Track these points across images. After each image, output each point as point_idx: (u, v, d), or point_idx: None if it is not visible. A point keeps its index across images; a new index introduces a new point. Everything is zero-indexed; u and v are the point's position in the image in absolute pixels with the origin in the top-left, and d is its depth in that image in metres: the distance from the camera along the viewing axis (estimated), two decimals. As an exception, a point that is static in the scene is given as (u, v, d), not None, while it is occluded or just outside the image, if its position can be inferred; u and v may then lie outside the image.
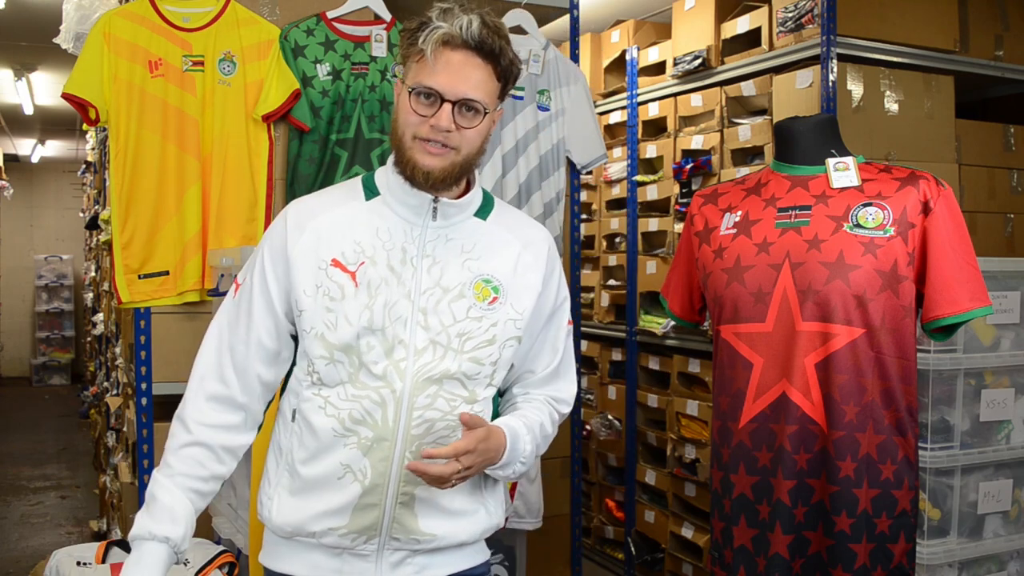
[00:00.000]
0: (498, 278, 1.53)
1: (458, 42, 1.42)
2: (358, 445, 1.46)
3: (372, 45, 2.84)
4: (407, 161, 1.47)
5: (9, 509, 5.85)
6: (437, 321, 1.48)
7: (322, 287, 1.48)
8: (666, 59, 3.95)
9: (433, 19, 1.43)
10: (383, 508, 1.47)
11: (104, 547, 2.34)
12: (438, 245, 1.51)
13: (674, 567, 3.85)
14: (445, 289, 1.49)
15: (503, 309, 1.52)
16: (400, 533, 1.49)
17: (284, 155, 2.80)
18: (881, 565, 1.76)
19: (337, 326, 1.46)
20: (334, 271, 1.48)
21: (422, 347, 1.47)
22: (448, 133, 1.44)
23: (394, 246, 1.50)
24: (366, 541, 1.49)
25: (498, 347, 1.51)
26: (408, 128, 1.45)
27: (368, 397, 1.46)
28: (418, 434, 1.47)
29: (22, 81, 6.96)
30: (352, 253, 1.49)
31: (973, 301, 1.75)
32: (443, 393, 1.48)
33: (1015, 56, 3.48)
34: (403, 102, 1.46)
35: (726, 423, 1.87)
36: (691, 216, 2.02)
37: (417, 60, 1.45)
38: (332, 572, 1.51)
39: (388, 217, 1.52)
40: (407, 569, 1.52)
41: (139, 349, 2.68)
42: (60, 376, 11.75)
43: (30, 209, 12.28)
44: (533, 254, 1.57)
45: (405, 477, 1.47)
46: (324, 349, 1.47)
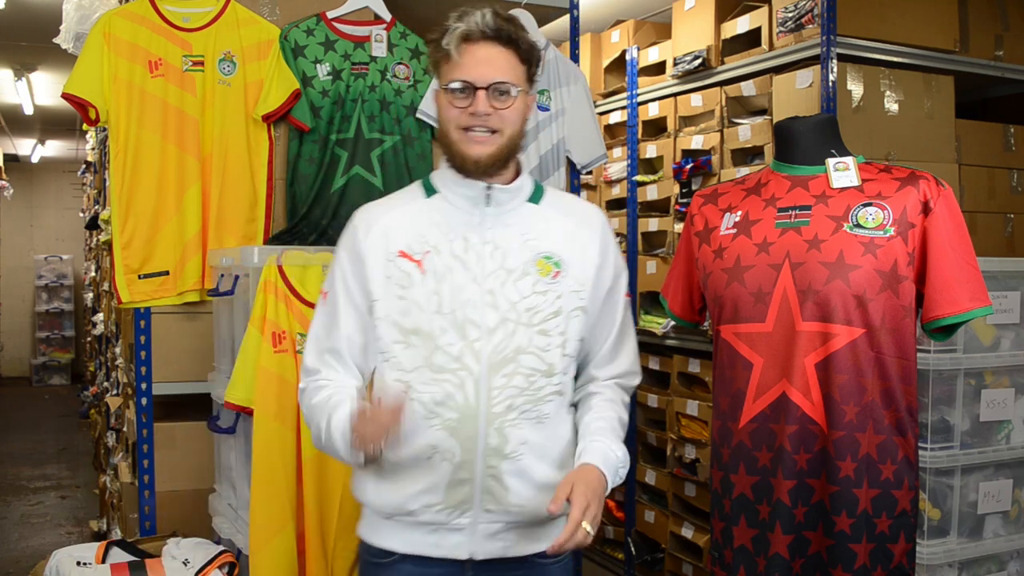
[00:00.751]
0: (558, 253, 1.63)
1: (477, 35, 1.55)
2: (443, 426, 1.56)
3: (372, 45, 2.84)
4: (457, 154, 1.59)
5: (9, 509, 5.85)
6: (504, 300, 1.58)
7: (392, 277, 1.60)
8: (666, 59, 3.94)
9: (451, 23, 1.57)
10: (474, 482, 1.57)
11: (104, 547, 2.34)
12: (497, 231, 1.62)
13: (674, 567, 3.85)
14: (509, 270, 1.60)
15: (566, 282, 1.62)
16: (492, 504, 1.58)
17: (284, 155, 2.80)
18: (881, 565, 1.76)
19: (409, 312, 1.58)
20: (402, 261, 1.60)
21: (493, 326, 1.57)
22: (487, 116, 1.55)
23: (456, 235, 1.61)
24: (461, 515, 1.58)
25: (564, 318, 1.62)
26: (451, 123, 1.58)
27: (448, 380, 1.56)
28: (499, 411, 1.57)
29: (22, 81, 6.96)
30: (417, 244, 1.61)
31: (973, 301, 1.75)
32: (520, 369, 1.58)
33: (1015, 56, 3.48)
34: (442, 103, 1.59)
35: (726, 423, 1.87)
36: (691, 216, 2.02)
37: (445, 63, 1.57)
38: (429, 547, 1.61)
39: (447, 211, 1.63)
40: (499, 543, 1.61)
41: (139, 349, 2.68)
42: (60, 376, 11.75)
43: (30, 209, 12.28)
44: (588, 229, 1.68)
45: (491, 452, 1.57)
46: (399, 334, 1.59)
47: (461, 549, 1.60)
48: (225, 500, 2.50)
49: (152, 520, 2.67)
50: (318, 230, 2.74)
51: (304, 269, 2.22)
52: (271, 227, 2.78)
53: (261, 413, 2.16)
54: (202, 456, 2.70)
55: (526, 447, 1.59)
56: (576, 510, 1.46)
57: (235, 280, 2.40)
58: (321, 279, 2.23)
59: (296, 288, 2.21)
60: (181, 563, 2.28)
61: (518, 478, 1.58)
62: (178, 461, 2.70)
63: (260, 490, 2.15)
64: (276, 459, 2.17)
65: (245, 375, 2.18)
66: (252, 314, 2.19)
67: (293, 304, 2.20)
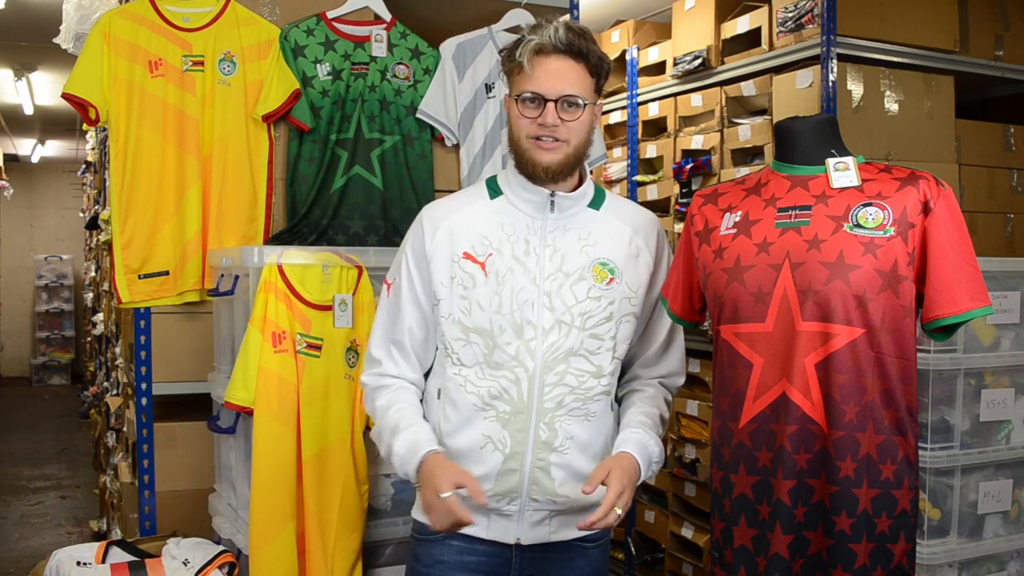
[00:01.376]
0: (613, 260, 1.72)
1: (549, 49, 1.62)
2: (497, 418, 1.66)
3: (372, 45, 2.84)
4: (527, 161, 1.66)
5: (9, 509, 5.85)
6: (561, 303, 1.67)
7: (456, 278, 1.68)
8: (666, 59, 3.95)
9: (525, 35, 1.64)
10: (523, 473, 1.67)
11: (104, 547, 2.34)
12: (557, 235, 1.70)
13: (674, 567, 3.85)
14: (566, 274, 1.68)
15: (619, 288, 1.72)
16: (538, 494, 1.68)
17: (284, 155, 2.80)
18: (881, 565, 1.76)
19: (471, 311, 1.67)
20: (466, 263, 1.68)
21: (549, 327, 1.66)
22: (556, 128, 1.63)
23: (518, 238, 1.69)
24: (509, 502, 1.68)
25: (615, 323, 1.71)
26: (521, 131, 1.66)
27: (504, 376, 1.66)
28: (550, 407, 1.67)
29: (22, 81, 6.97)
30: (481, 246, 1.69)
31: (973, 301, 1.75)
32: (571, 370, 1.68)
33: (1015, 56, 3.48)
34: (512, 111, 1.67)
35: (726, 423, 1.87)
36: (691, 216, 2.02)
37: (518, 73, 1.65)
38: (479, 528, 1.70)
39: (511, 213, 1.71)
40: (544, 529, 1.72)
41: (139, 349, 2.68)
42: (60, 376, 11.75)
43: (30, 209, 12.28)
44: (643, 237, 1.78)
45: (541, 445, 1.66)
46: (460, 332, 1.68)
47: (509, 533, 1.71)
48: (225, 500, 2.50)
49: (152, 520, 2.67)
50: (318, 230, 2.74)
51: (304, 269, 2.22)
52: (271, 227, 2.78)
53: (261, 413, 2.16)
54: (202, 456, 2.69)
55: (572, 442, 1.68)
56: (612, 493, 1.55)
57: (235, 280, 2.40)
58: (321, 279, 2.23)
59: (296, 288, 2.21)
60: (181, 563, 2.28)
61: (564, 470, 1.68)
62: (178, 461, 2.70)
63: (260, 490, 2.15)
64: (276, 459, 2.17)
65: (245, 375, 2.18)
66: (252, 314, 2.19)
67: (293, 304, 2.20)
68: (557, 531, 1.73)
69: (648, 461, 1.69)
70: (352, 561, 2.24)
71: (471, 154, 2.94)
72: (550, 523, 1.72)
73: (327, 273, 2.24)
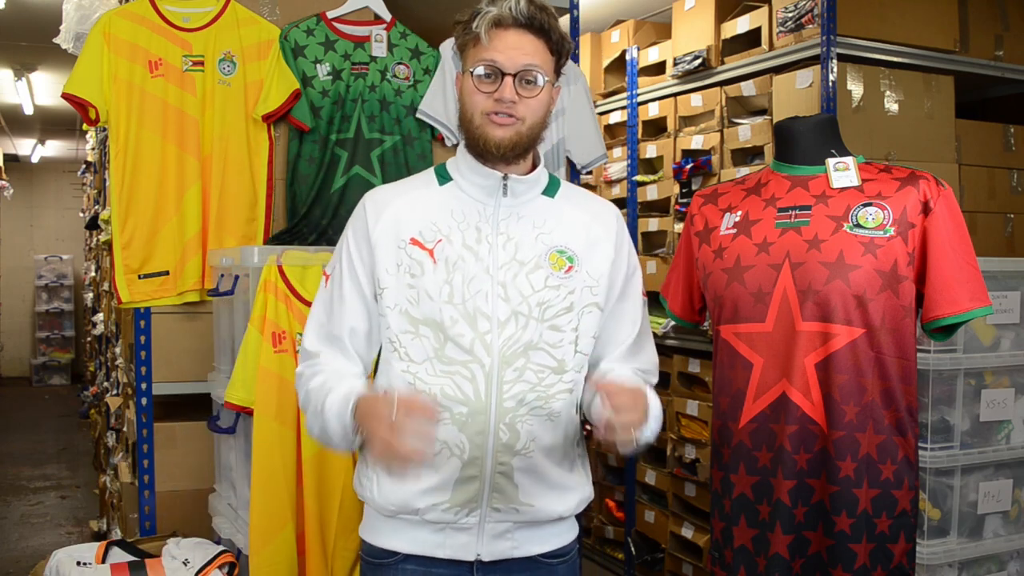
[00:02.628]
0: (571, 248, 1.60)
1: (509, 21, 1.51)
2: (452, 421, 1.52)
3: (372, 45, 2.84)
4: (478, 138, 1.55)
5: (9, 509, 5.85)
6: (516, 292, 1.55)
7: (403, 265, 1.56)
8: (666, 59, 3.94)
9: (483, 6, 1.53)
10: (483, 479, 1.53)
11: (104, 547, 2.34)
12: (511, 223, 1.58)
13: (674, 567, 3.85)
14: (521, 263, 1.56)
15: (579, 276, 1.59)
16: (500, 503, 1.55)
17: (284, 155, 2.80)
18: (881, 565, 1.76)
19: (419, 301, 1.54)
20: (413, 249, 1.56)
21: (504, 319, 1.54)
22: (513, 104, 1.52)
23: (468, 225, 1.57)
24: (468, 514, 1.55)
25: (576, 314, 1.58)
26: (475, 107, 1.54)
27: (458, 372, 1.52)
28: (511, 406, 1.53)
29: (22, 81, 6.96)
30: (429, 232, 1.56)
31: (973, 301, 1.75)
32: (531, 365, 1.54)
33: (1015, 56, 3.48)
34: (467, 86, 1.55)
35: (726, 423, 1.87)
36: (691, 216, 2.02)
37: (473, 46, 1.54)
38: (435, 547, 1.57)
39: (461, 199, 1.59)
40: (506, 543, 1.58)
41: (139, 349, 2.68)
42: (60, 376, 11.74)
43: (30, 209, 12.28)
44: (602, 224, 1.65)
45: (502, 448, 1.53)
46: (408, 324, 1.54)
47: (468, 550, 1.56)
48: (225, 500, 2.50)
49: (152, 520, 2.67)
50: (318, 230, 2.74)
51: (304, 269, 2.22)
52: (271, 227, 2.78)
53: (261, 413, 2.16)
54: (202, 456, 2.69)
55: (536, 444, 1.55)
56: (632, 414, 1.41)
57: (235, 280, 2.40)
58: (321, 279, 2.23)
59: (296, 288, 2.21)
60: (181, 563, 2.28)
61: (528, 475, 1.55)
62: (178, 461, 2.70)
63: (260, 490, 2.15)
64: (276, 459, 2.17)
65: (245, 375, 2.18)
66: (252, 314, 2.19)
67: (293, 304, 2.20)
68: (520, 545, 1.59)
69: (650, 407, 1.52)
70: (352, 561, 2.24)
71: (471, 154, 2.94)
72: (513, 536, 1.58)
73: None
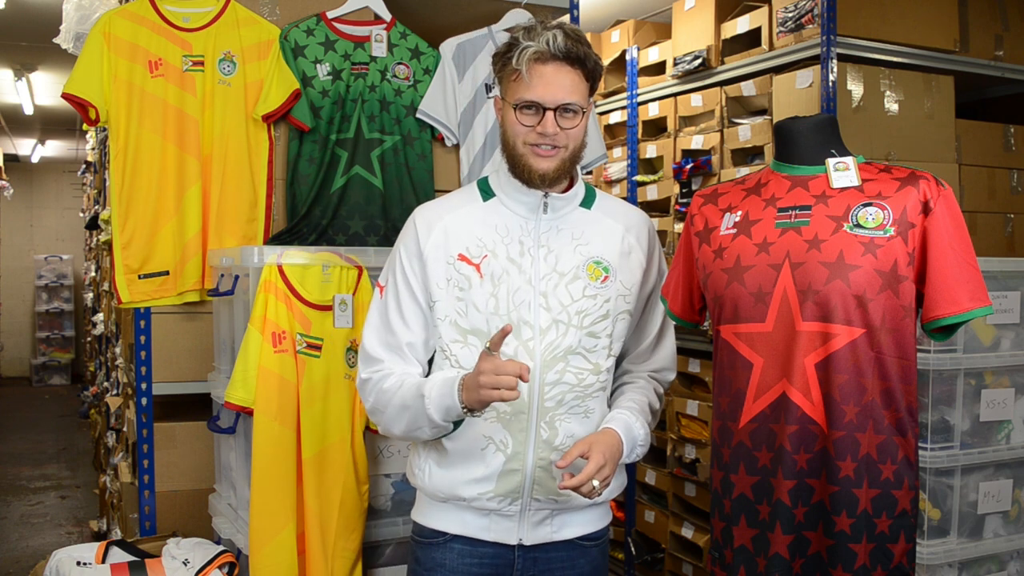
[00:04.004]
0: (607, 259, 1.73)
1: (547, 56, 1.60)
2: (497, 419, 1.66)
3: (372, 45, 2.84)
4: (523, 167, 1.66)
5: (9, 509, 5.85)
6: (557, 302, 1.67)
7: (452, 279, 1.68)
8: (666, 59, 3.95)
9: (520, 40, 1.62)
10: (524, 473, 1.67)
11: (104, 547, 2.34)
12: (551, 236, 1.70)
13: (674, 567, 3.85)
14: (561, 274, 1.69)
15: (614, 286, 1.72)
16: (541, 494, 1.69)
17: (284, 155, 2.80)
18: (881, 565, 1.76)
19: (467, 313, 1.67)
20: (461, 264, 1.68)
21: (546, 327, 1.66)
22: (555, 136, 1.63)
23: (512, 240, 1.69)
24: (511, 503, 1.68)
25: (612, 321, 1.72)
26: (518, 137, 1.65)
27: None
28: (551, 406, 1.67)
29: (22, 81, 6.97)
30: (476, 248, 1.68)
31: (973, 301, 1.75)
32: (570, 368, 1.68)
33: (1015, 56, 3.48)
34: (509, 117, 1.66)
35: (726, 423, 1.87)
36: (691, 216, 2.02)
37: (514, 79, 1.64)
38: (480, 530, 1.71)
39: (504, 215, 1.71)
40: (546, 528, 1.72)
41: (139, 349, 2.68)
42: (60, 376, 11.75)
43: (30, 209, 12.28)
44: (636, 235, 1.79)
45: (542, 444, 1.67)
46: (458, 334, 1.68)
47: (511, 534, 1.70)
48: (225, 500, 2.50)
49: (152, 520, 2.67)
50: (318, 230, 2.74)
51: (304, 269, 2.22)
52: (271, 227, 2.78)
53: (261, 413, 2.16)
54: (202, 456, 2.70)
55: (573, 439, 1.68)
56: (592, 464, 1.55)
57: (235, 280, 2.40)
58: (321, 279, 2.23)
59: (296, 288, 2.21)
60: (181, 563, 2.28)
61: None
62: (178, 461, 2.70)
63: (260, 490, 2.15)
64: (276, 459, 2.17)
65: (245, 375, 2.18)
66: (252, 314, 2.19)
67: (293, 304, 2.20)
68: (559, 530, 1.74)
69: (633, 443, 1.70)
70: (352, 561, 2.24)
71: (471, 154, 2.94)
72: (552, 522, 1.73)
73: (327, 273, 2.24)
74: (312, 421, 2.20)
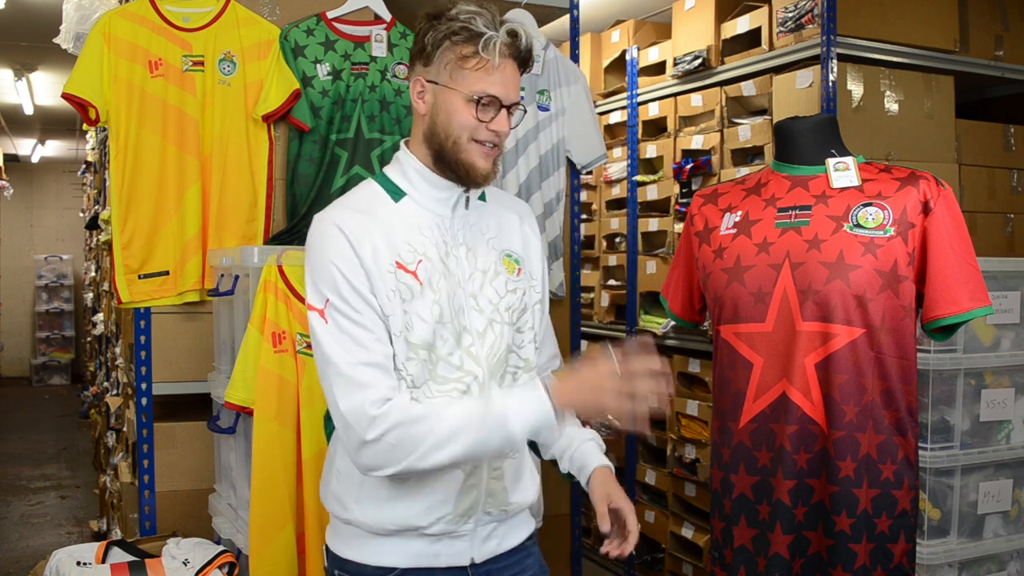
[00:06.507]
0: (515, 251, 1.65)
1: (514, 53, 1.53)
2: None
3: (372, 45, 2.84)
4: (461, 163, 1.53)
5: (9, 509, 5.85)
6: (487, 301, 1.57)
7: (396, 290, 1.51)
8: (666, 59, 3.94)
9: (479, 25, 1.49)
10: (480, 487, 1.57)
11: (104, 547, 2.34)
12: (465, 232, 1.60)
13: (674, 567, 3.85)
14: (483, 271, 1.59)
15: (525, 277, 1.64)
16: (492, 506, 1.59)
17: (284, 155, 2.80)
18: (881, 565, 1.76)
19: (414, 326, 1.50)
20: (400, 273, 1.51)
21: (483, 329, 1.56)
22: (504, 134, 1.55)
23: (437, 240, 1.56)
24: (466, 521, 1.57)
25: (531, 313, 1.63)
26: (465, 131, 1.52)
27: (453, 389, 1.52)
28: None
29: (22, 81, 6.96)
30: (408, 253, 1.53)
31: (973, 301, 1.75)
32: (509, 369, 1.59)
33: (1015, 56, 3.48)
34: (458, 106, 1.51)
35: (726, 423, 1.87)
36: (691, 216, 2.02)
37: (476, 68, 1.50)
38: (431, 558, 1.57)
39: (421, 215, 1.57)
40: (492, 543, 1.62)
41: (139, 349, 2.68)
42: (60, 376, 11.75)
43: (30, 209, 12.28)
44: (529, 224, 1.70)
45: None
46: (409, 350, 1.51)
47: (463, 555, 1.59)
48: (225, 500, 2.50)
49: (152, 520, 2.67)
50: (318, 230, 2.74)
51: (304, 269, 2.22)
52: (271, 227, 2.78)
53: (261, 413, 2.16)
54: (202, 456, 2.70)
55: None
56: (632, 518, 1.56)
57: (235, 280, 2.40)
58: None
59: (296, 288, 2.21)
60: (181, 563, 2.28)
61: (512, 474, 1.62)
62: (178, 461, 2.70)
63: (260, 490, 2.15)
64: (276, 459, 2.17)
65: (245, 375, 2.18)
66: (252, 314, 2.19)
67: (293, 304, 2.20)
68: (503, 540, 1.63)
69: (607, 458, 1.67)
70: (352, 561, 2.24)
71: (471, 154, 2.94)
72: (496, 534, 1.62)
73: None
74: (312, 421, 2.20)
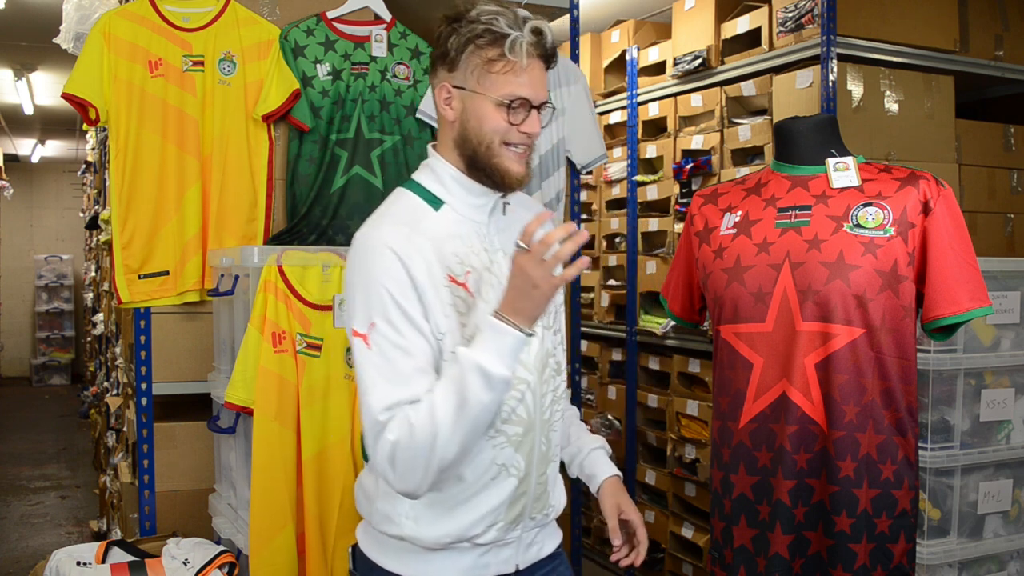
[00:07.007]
0: None
1: (541, 52, 1.49)
2: (508, 442, 1.51)
3: (372, 45, 2.84)
4: (495, 167, 1.50)
5: (9, 509, 5.85)
6: None
7: (453, 305, 1.47)
8: (666, 59, 3.95)
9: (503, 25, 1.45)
10: (529, 493, 1.56)
11: (104, 547, 2.34)
12: (501, 238, 1.57)
13: (674, 567, 3.85)
14: None
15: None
16: (537, 511, 1.58)
17: (284, 155, 2.80)
18: (881, 565, 1.76)
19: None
20: (453, 287, 1.48)
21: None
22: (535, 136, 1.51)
23: (478, 249, 1.53)
24: (514, 528, 1.55)
25: (559, 314, 1.66)
26: (495, 134, 1.49)
27: (512, 396, 1.50)
28: (548, 417, 1.57)
29: (22, 81, 6.97)
30: (456, 265, 1.49)
31: (973, 301, 1.75)
32: (550, 373, 1.58)
33: (1015, 56, 3.48)
34: (488, 111, 1.48)
35: (726, 423, 1.87)
36: (691, 216, 2.02)
37: (504, 71, 1.47)
38: (480, 569, 1.55)
39: (461, 223, 1.54)
40: (534, 549, 1.62)
41: (139, 349, 2.68)
42: (60, 376, 11.75)
43: (30, 209, 12.28)
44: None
45: (541, 459, 1.57)
46: None
47: (509, 563, 1.57)
48: (225, 500, 2.50)
49: (152, 520, 2.67)
50: (318, 230, 2.74)
51: (304, 269, 2.22)
52: (271, 227, 2.78)
53: (261, 413, 2.16)
54: (202, 456, 2.70)
55: (557, 448, 1.63)
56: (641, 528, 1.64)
57: (235, 280, 2.40)
58: (321, 279, 2.23)
59: (296, 288, 2.21)
60: (181, 563, 2.28)
61: (555, 480, 1.62)
62: (178, 461, 2.70)
63: (260, 490, 2.15)
64: (276, 459, 2.17)
65: (245, 375, 2.18)
66: (252, 314, 2.19)
67: (293, 304, 2.20)
68: (544, 546, 1.64)
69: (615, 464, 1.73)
70: (352, 561, 2.24)
71: (471, 154, 2.94)
72: (537, 539, 1.62)
73: (327, 273, 2.24)
74: (312, 421, 2.20)
